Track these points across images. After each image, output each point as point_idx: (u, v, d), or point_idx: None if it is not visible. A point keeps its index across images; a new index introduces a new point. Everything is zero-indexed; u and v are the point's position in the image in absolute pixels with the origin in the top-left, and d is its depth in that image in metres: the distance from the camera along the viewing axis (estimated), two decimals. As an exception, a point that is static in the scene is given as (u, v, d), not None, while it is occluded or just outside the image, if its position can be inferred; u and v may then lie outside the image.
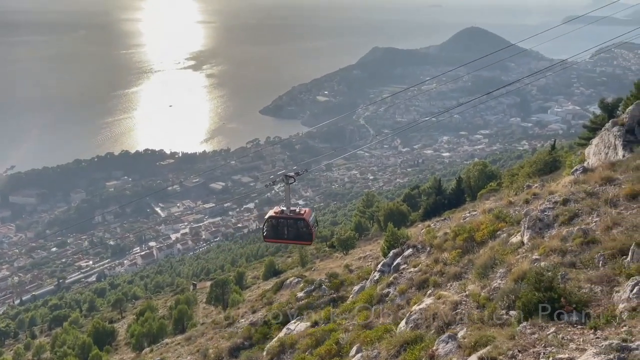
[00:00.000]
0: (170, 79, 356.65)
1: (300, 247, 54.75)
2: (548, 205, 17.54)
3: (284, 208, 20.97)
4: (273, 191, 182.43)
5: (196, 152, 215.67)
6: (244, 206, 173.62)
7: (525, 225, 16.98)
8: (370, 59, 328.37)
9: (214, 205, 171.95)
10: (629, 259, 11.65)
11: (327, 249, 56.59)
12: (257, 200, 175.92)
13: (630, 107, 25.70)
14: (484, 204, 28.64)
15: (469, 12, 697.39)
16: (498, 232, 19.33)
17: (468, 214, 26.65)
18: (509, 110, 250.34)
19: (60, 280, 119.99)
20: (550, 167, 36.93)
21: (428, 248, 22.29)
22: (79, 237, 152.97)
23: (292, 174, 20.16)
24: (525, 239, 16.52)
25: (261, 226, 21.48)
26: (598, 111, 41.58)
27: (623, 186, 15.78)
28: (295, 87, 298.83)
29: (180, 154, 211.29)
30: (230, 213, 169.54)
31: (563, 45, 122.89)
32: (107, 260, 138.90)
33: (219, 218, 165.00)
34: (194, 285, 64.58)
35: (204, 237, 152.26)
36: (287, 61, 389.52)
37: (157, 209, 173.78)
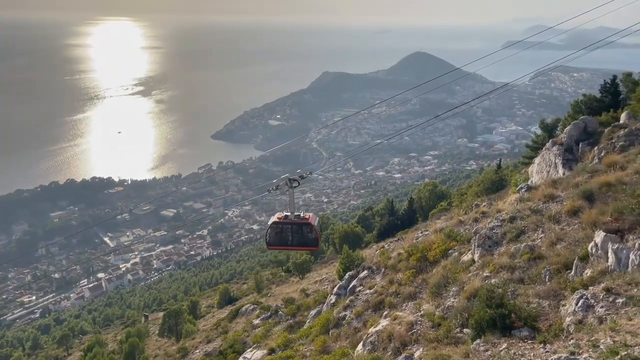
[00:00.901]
0: (119, 105, 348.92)
1: (256, 274, 54.03)
2: (496, 223, 18.09)
3: (288, 213, 20.20)
4: (227, 217, 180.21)
5: (146, 179, 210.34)
6: (197, 233, 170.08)
7: (476, 244, 17.43)
8: (321, 83, 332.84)
9: (165, 233, 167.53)
10: (572, 273, 12.13)
11: (283, 273, 56.11)
12: (210, 227, 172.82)
13: (568, 127, 27.12)
14: (435, 223, 29.23)
15: (415, 37, 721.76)
16: (450, 251, 19.75)
17: (420, 234, 27.12)
18: (456, 132, 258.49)
19: (1, 318, 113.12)
20: (497, 185, 38.19)
21: (383, 269, 22.46)
22: (21, 271, 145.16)
23: (295, 177, 19.39)
24: (476, 257, 16.94)
25: (265, 232, 20.66)
26: (539, 131, 43.57)
27: (564, 203, 16.49)
28: (247, 111, 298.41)
29: (129, 182, 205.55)
30: (182, 241, 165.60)
31: (504, 69, 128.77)
32: (51, 295, 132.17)
33: (170, 246, 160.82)
34: (146, 316, 62.35)
35: (155, 266, 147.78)
36: (239, 86, 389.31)
37: (106, 239, 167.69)
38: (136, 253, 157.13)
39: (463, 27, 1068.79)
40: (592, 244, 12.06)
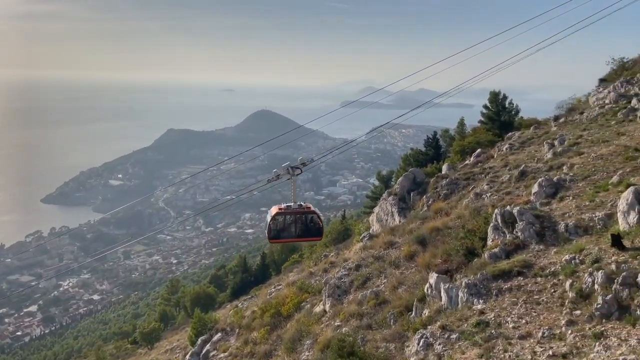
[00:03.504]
0: None
1: (97, 349, 48.92)
2: (344, 272, 18.91)
3: (290, 204, 18.56)
4: (61, 288, 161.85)
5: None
6: (24, 310, 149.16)
7: (326, 294, 17.97)
8: (166, 140, 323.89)
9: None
10: (413, 314, 13.07)
11: (129, 345, 51.53)
12: (40, 302, 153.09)
13: (400, 179, 29.86)
14: (288, 277, 29.61)
15: (259, 96, 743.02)
16: (303, 304, 20.08)
17: (274, 289, 27.20)
18: (303, 185, 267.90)
19: None
20: (343, 235, 40.04)
21: (237, 329, 21.96)
22: None
23: (297, 164, 17.91)
24: (327, 307, 17.42)
25: (267, 225, 18.12)
26: (377, 183, 47.17)
27: (402, 248, 17.92)
28: (83, 171, 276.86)
29: None
30: (6, 320, 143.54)
31: (343, 126, 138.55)
32: None
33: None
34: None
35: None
36: (74, 145, 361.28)
37: None
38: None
39: (302, 87, 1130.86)
40: (427, 285, 13.17)
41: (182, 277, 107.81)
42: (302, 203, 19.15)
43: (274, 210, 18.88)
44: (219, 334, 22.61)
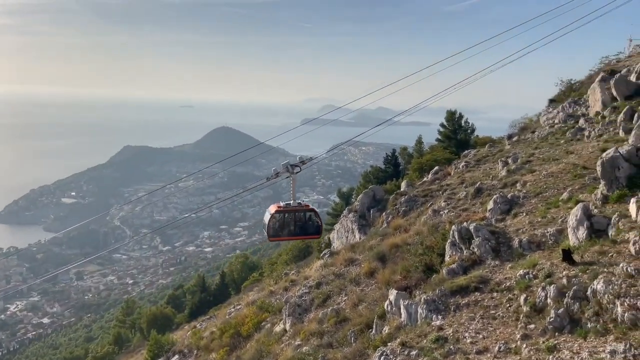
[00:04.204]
0: None
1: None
2: (304, 290, 18.82)
3: (289, 202, 18.25)
4: (8, 312, 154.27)
5: None
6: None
7: (287, 313, 17.82)
8: (122, 157, 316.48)
9: None
10: (373, 331, 13.09)
11: (80, 371, 49.50)
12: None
13: (360, 196, 30.14)
14: (248, 296, 29.22)
15: (219, 112, 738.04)
16: (263, 323, 19.82)
17: (233, 309, 26.75)
18: (264, 202, 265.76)
19: None
20: (304, 253, 39.97)
21: (195, 351, 21.47)
22: None
23: (296, 162, 17.76)
24: (288, 326, 17.26)
25: (266, 224, 17.67)
26: (337, 200, 47.41)
27: (362, 265, 18.00)
28: (34, 189, 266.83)
29: None
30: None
31: (304, 143, 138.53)
32: None
33: None
34: None
35: None
36: (24, 162, 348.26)
37: None
38: None
39: (263, 104, 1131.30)
40: (387, 302, 13.24)
41: (138, 298, 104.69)
42: (301, 201, 19.13)
43: (272, 208, 18.78)
44: (177, 356, 22.02)
